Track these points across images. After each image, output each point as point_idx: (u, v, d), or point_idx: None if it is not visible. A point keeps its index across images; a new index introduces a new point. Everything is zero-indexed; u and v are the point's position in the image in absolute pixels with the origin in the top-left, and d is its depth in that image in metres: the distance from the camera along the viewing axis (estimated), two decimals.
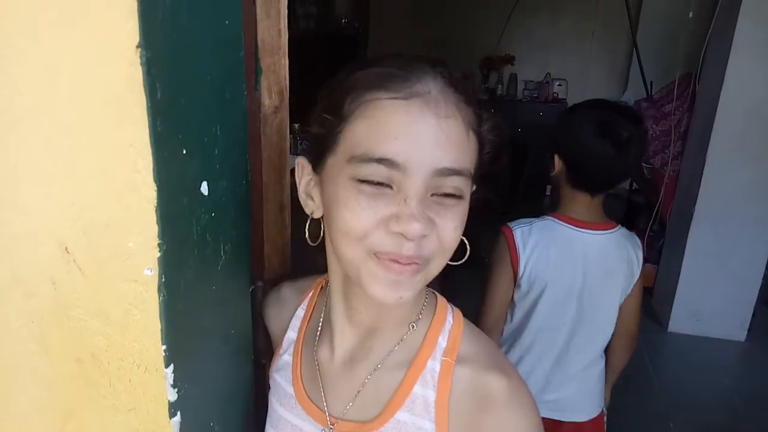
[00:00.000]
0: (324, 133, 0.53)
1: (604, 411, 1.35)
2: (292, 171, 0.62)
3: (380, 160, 0.48)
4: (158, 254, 0.47)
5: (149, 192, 0.45)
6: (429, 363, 0.58)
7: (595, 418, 1.30)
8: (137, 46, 0.41)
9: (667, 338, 2.84)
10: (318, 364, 0.63)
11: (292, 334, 0.67)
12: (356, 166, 0.49)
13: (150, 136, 0.44)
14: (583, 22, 4.68)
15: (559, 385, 1.27)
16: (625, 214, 3.90)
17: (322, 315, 0.65)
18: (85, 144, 0.45)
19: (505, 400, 0.54)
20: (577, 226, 1.20)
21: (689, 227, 2.70)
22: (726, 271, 2.71)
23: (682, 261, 2.76)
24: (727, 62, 2.44)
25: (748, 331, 2.79)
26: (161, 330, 0.49)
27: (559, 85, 4.55)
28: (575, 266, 1.20)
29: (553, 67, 4.71)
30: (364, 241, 0.50)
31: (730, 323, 2.78)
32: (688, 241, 2.72)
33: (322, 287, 0.67)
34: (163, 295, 0.48)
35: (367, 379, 0.59)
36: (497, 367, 0.57)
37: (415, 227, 0.48)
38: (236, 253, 0.61)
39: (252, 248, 0.68)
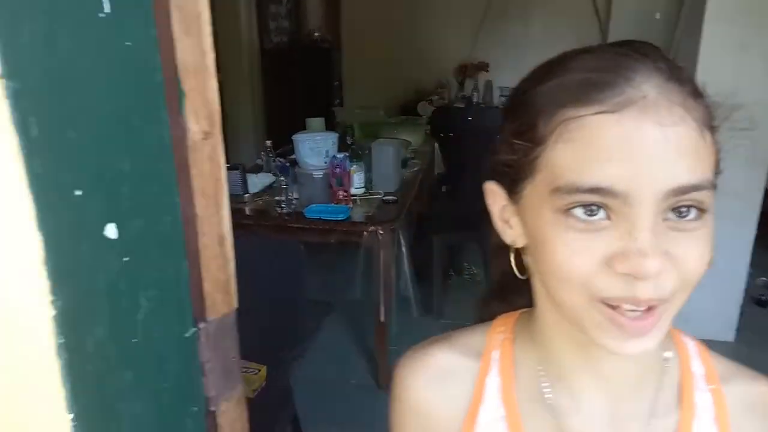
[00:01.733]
0: (516, 159, 0.46)
1: None
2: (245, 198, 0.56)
3: (592, 190, 0.40)
4: (53, 313, 0.41)
5: (35, 243, 0.39)
6: (696, 397, 0.52)
7: None
8: (0, 77, 0.35)
9: None
10: None
11: (495, 412, 0.52)
12: (562, 198, 0.41)
13: (28, 180, 0.38)
14: (553, 26, 4.70)
15: None
16: None
17: (542, 375, 0.53)
18: None
19: None
20: None
21: None
22: (712, 271, 2.68)
23: None
24: (696, 62, 2.44)
25: (737, 330, 2.76)
26: (65, 398, 0.43)
27: None
28: None
29: (527, 72, 4.73)
30: (587, 286, 0.42)
31: (719, 324, 2.75)
32: None
33: (508, 340, 0.54)
34: (65, 359, 0.42)
35: None
36: (752, 372, 0.55)
37: (650, 266, 0.40)
38: (163, 299, 0.55)
39: (189, 288, 0.62)
